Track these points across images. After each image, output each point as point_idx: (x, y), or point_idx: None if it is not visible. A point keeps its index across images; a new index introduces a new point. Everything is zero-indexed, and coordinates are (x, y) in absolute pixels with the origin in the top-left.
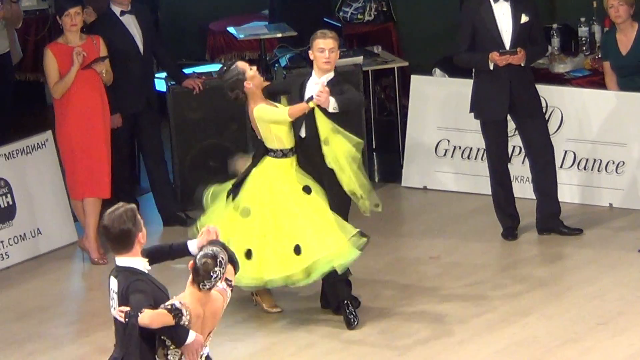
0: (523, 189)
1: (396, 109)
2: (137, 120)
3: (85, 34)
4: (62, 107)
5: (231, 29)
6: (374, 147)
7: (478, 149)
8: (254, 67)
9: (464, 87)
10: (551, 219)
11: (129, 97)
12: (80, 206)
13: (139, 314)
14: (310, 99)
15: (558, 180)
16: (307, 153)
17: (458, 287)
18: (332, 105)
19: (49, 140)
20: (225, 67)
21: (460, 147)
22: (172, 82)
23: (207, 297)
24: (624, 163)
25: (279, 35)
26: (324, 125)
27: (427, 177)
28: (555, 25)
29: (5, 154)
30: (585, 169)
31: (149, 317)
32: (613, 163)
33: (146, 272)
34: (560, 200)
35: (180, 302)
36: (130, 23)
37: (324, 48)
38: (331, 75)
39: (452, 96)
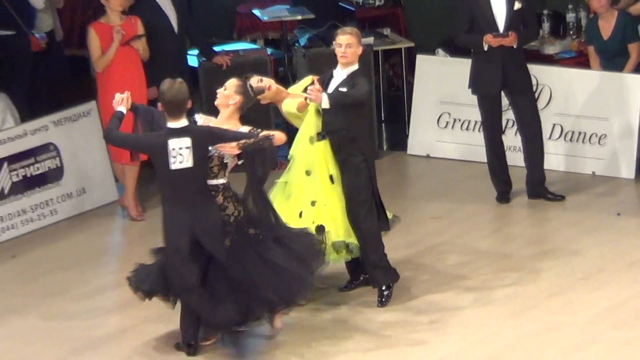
0: (515, 158)
1: (403, 85)
2: None
3: (125, 15)
4: (104, 80)
5: (256, 11)
6: (382, 118)
7: (475, 122)
8: (265, 87)
9: (464, 65)
10: (538, 185)
11: (164, 72)
12: (120, 168)
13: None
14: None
15: (546, 150)
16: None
17: (456, 245)
18: (324, 102)
19: (93, 109)
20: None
21: (459, 120)
22: (203, 59)
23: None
24: (605, 135)
25: (299, 17)
26: (313, 125)
27: (429, 146)
28: (545, 11)
29: (54, 121)
30: (570, 140)
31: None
32: (596, 135)
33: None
34: (548, 168)
35: None
36: (166, 5)
37: (341, 44)
38: (354, 68)
39: (453, 74)
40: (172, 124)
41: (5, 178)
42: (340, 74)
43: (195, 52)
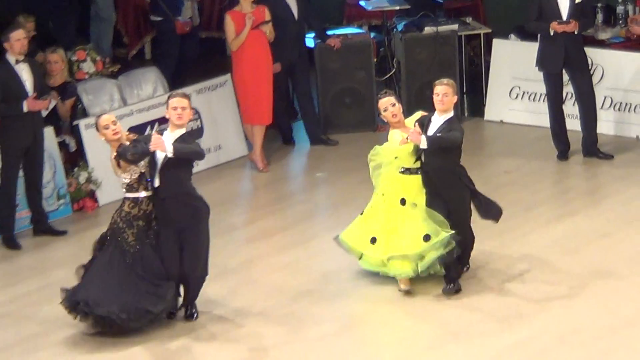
0: (573, 124)
1: (481, 63)
2: (292, 68)
3: (255, 4)
4: (237, 58)
5: (362, 2)
6: (464, 90)
7: (541, 94)
8: (390, 110)
9: (532, 48)
10: (591, 146)
11: (286, 51)
12: (250, 128)
13: None
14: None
15: (598, 118)
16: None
17: (525, 193)
18: (423, 144)
19: (227, 81)
20: (381, 95)
21: (527, 92)
22: (318, 40)
23: None
24: None
25: (397, 7)
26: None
27: (503, 113)
28: (599, 4)
29: (196, 90)
30: (618, 110)
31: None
32: None
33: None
34: (600, 132)
35: None
36: None
37: (438, 93)
38: (450, 114)
39: (523, 54)
40: None
41: None
42: (437, 120)
43: (312, 35)
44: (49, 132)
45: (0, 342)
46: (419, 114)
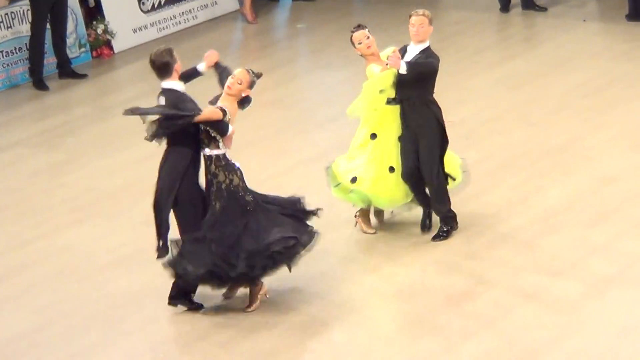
0: None
1: None
2: None
3: None
4: None
5: None
6: None
7: None
8: (364, 42)
9: None
10: (529, 0)
11: None
12: None
13: (199, 112)
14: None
15: None
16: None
17: (472, 40)
18: (402, 68)
19: None
20: (354, 29)
21: None
22: None
23: (235, 101)
24: None
25: None
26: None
27: None
28: None
29: None
30: None
31: (209, 112)
32: None
33: (182, 91)
34: None
35: (224, 106)
36: None
37: (414, 24)
38: (425, 45)
39: None
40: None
41: None
42: (413, 49)
43: None
44: None
45: (33, 166)
46: (391, 49)
